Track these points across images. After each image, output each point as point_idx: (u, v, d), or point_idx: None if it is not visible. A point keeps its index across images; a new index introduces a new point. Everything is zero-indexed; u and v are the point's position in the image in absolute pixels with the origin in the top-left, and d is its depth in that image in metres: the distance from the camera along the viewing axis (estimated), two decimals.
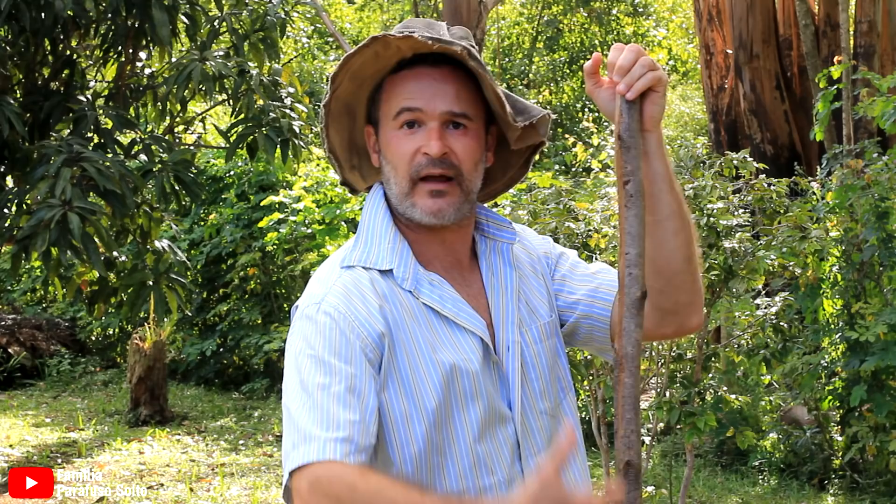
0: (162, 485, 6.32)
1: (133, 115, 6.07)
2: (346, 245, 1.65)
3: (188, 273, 6.39)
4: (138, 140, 5.69)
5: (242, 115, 5.76)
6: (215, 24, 6.08)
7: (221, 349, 10.36)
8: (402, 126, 1.59)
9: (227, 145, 5.85)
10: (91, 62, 6.20)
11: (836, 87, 6.35)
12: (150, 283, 5.63)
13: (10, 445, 7.51)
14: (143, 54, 6.14)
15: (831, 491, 6.07)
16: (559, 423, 1.68)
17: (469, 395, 1.55)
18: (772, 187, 4.72)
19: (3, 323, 10.81)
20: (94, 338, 11.44)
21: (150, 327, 8.62)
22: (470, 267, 1.67)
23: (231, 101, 6.00)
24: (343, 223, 9.63)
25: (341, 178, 1.73)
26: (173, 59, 5.97)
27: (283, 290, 10.16)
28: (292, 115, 5.73)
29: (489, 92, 1.60)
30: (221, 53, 5.78)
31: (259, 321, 9.94)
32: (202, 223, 10.79)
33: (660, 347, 4.77)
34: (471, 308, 1.60)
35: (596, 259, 4.52)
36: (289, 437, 1.47)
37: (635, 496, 1.45)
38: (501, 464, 1.57)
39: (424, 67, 1.59)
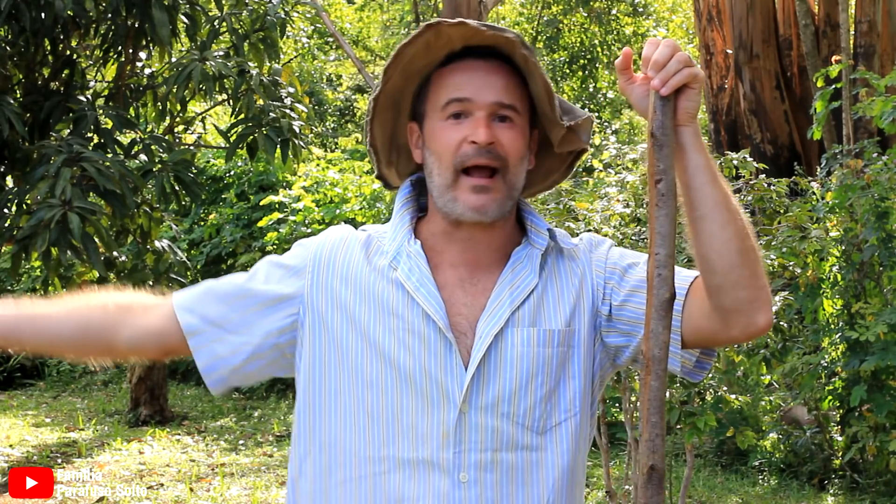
0: (162, 485, 6.32)
1: (133, 115, 6.07)
2: None
3: (188, 273, 6.39)
4: (138, 140, 5.68)
5: (242, 115, 5.76)
6: (215, 24, 6.07)
7: None
8: (448, 117, 1.58)
9: (227, 145, 5.85)
10: (91, 62, 6.20)
11: (833, 86, 6.34)
12: (150, 283, 5.63)
13: (10, 445, 7.51)
14: (143, 54, 6.14)
15: (831, 491, 6.07)
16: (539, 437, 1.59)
17: (402, 370, 1.57)
18: (772, 187, 4.72)
19: None
20: None
21: None
22: (488, 268, 1.63)
23: (231, 101, 6.00)
24: (343, 223, 9.62)
25: (377, 172, 1.73)
26: (173, 59, 5.97)
27: None
28: (292, 115, 5.72)
29: (538, 84, 1.59)
30: (221, 53, 5.78)
31: None
32: (202, 223, 10.80)
33: None
34: (434, 288, 1.59)
35: None
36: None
37: (658, 500, 1.44)
38: (427, 444, 1.55)
39: (473, 60, 1.59)
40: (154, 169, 5.48)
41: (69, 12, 5.25)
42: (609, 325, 1.65)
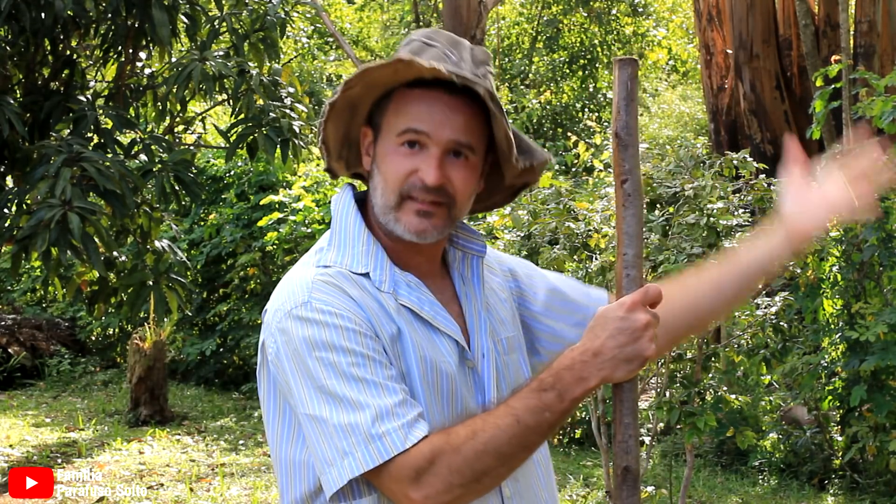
0: (162, 485, 6.32)
1: (133, 115, 6.07)
2: (317, 248, 1.61)
3: (188, 273, 6.39)
4: (138, 140, 5.69)
5: (242, 115, 5.76)
6: (215, 24, 6.08)
7: (221, 349, 10.36)
8: (403, 143, 1.55)
9: (227, 145, 5.85)
10: (91, 62, 6.20)
11: (833, 86, 6.34)
12: (150, 283, 5.63)
13: (10, 445, 7.51)
14: (143, 54, 6.14)
15: (831, 491, 6.07)
16: None
17: (446, 397, 1.54)
18: (772, 187, 4.72)
19: (3, 323, 10.81)
20: (94, 338, 11.44)
21: (150, 327, 8.62)
22: (441, 275, 1.66)
23: (231, 101, 6.00)
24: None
25: (326, 165, 1.69)
26: (173, 59, 5.97)
27: None
28: (292, 115, 5.73)
29: (500, 133, 1.57)
30: (221, 53, 5.78)
31: (259, 321, 9.93)
32: (202, 223, 10.79)
33: None
34: (447, 312, 1.59)
35: (596, 259, 4.52)
36: (336, 440, 1.44)
37: (633, 502, 1.44)
38: None
39: (440, 92, 1.55)
40: (154, 169, 5.48)
41: (69, 12, 5.25)
42: (526, 333, 1.76)
